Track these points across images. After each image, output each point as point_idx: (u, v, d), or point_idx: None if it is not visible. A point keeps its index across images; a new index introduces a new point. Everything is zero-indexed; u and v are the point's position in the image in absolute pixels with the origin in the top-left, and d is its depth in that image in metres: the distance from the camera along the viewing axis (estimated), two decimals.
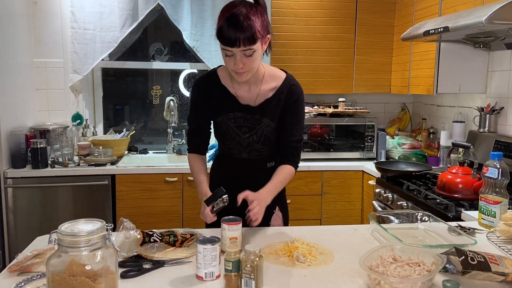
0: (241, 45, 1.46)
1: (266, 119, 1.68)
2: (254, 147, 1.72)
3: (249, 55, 1.50)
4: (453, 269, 1.24)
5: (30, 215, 2.83)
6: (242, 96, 1.68)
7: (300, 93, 1.71)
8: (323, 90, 3.40)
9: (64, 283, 0.97)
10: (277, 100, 1.68)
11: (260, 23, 1.48)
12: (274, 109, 1.68)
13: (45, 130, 3.13)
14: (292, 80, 1.71)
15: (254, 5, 1.51)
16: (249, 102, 1.68)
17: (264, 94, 1.68)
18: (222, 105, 1.69)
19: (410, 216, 1.81)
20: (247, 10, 1.46)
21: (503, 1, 1.92)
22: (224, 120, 1.69)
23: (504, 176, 1.64)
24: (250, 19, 1.45)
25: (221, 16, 1.49)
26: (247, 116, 1.68)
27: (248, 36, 1.45)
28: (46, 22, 3.27)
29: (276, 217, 1.82)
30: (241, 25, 1.44)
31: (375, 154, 3.28)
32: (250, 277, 1.14)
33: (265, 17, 1.53)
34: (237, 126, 1.69)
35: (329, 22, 3.32)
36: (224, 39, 1.46)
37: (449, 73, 2.77)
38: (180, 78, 3.72)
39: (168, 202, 3.00)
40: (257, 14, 1.48)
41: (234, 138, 1.71)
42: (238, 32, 1.44)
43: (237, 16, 1.44)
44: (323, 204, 3.18)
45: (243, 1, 1.51)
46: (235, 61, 1.51)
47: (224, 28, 1.45)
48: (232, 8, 1.47)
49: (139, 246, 1.38)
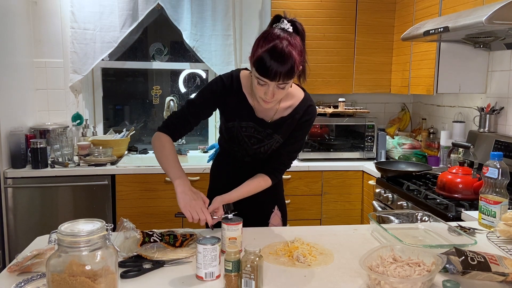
0: (280, 79, 1.42)
1: (277, 135, 1.67)
2: (259, 156, 1.73)
3: (282, 87, 1.47)
4: (453, 269, 1.24)
5: (30, 215, 2.83)
6: (259, 109, 1.66)
7: (314, 114, 1.70)
8: (323, 90, 3.40)
9: (64, 283, 0.97)
10: (292, 119, 1.67)
11: (299, 56, 1.45)
12: (288, 127, 1.67)
13: (45, 130, 3.13)
14: (309, 100, 1.70)
15: (294, 35, 1.46)
16: (264, 116, 1.66)
17: (281, 111, 1.66)
18: (237, 112, 1.66)
19: (410, 216, 1.81)
20: (289, 42, 1.41)
21: (503, 1, 1.92)
22: (236, 127, 1.67)
23: (504, 176, 1.64)
24: (292, 53, 1.40)
25: (260, 43, 1.43)
26: (259, 129, 1.67)
27: (287, 71, 1.41)
28: (46, 22, 3.27)
29: (275, 216, 1.84)
30: (283, 59, 1.39)
31: (375, 154, 3.27)
32: (250, 277, 1.14)
33: (303, 47, 1.49)
34: (248, 135, 1.68)
35: (329, 22, 3.32)
36: (264, 71, 1.41)
37: (449, 73, 2.77)
38: (180, 78, 3.72)
39: (168, 202, 3.00)
40: (297, 46, 1.44)
41: (242, 145, 1.71)
42: (279, 66, 1.39)
43: (281, 49, 1.39)
44: (323, 204, 3.18)
45: (283, 29, 1.46)
46: (267, 91, 1.47)
47: (266, 59, 1.39)
48: (275, 39, 1.41)
49: (139, 246, 1.39)
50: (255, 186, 1.64)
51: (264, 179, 1.66)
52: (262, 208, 1.81)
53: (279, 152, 1.70)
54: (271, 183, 1.68)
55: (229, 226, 1.39)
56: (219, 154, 1.89)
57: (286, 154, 1.70)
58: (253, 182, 1.65)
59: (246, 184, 1.64)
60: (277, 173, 1.69)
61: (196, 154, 3.53)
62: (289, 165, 1.74)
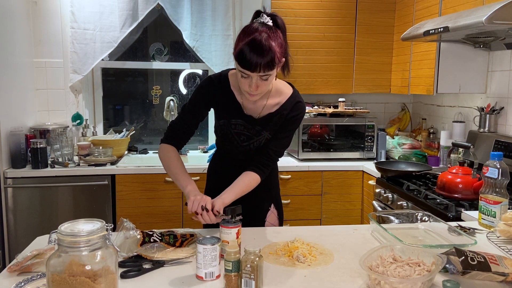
0: (260, 70, 1.46)
1: (266, 132, 1.70)
2: (251, 153, 1.74)
3: (265, 79, 1.51)
4: (453, 269, 1.24)
5: (30, 215, 2.83)
6: (247, 106, 1.69)
7: (302, 110, 1.72)
8: (323, 90, 3.40)
9: (64, 283, 0.97)
10: (279, 116, 1.69)
11: (279, 48, 1.49)
12: (275, 124, 1.69)
13: (45, 130, 3.13)
14: (297, 96, 1.72)
15: (274, 29, 1.50)
16: (252, 113, 1.69)
17: (269, 108, 1.69)
18: (227, 110, 1.70)
19: (410, 216, 1.81)
20: (268, 35, 1.46)
21: (503, 1, 1.92)
22: (226, 124, 1.70)
23: (504, 176, 1.64)
24: (271, 45, 1.45)
25: (241, 37, 1.49)
26: (248, 126, 1.69)
27: (267, 62, 1.45)
28: (46, 22, 3.27)
29: (271, 214, 1.86)
30: (262, 51, 1.44)
31: (375, 154, 3.27)
32: (250, 277, 1.14)
33: (284, 40, 1.53)
34: (237, 133, 1.71)
35: (329, 22, 3.32)
36: (245, 63, 1.46)
37: (449, 73, 2.77)
38: (180, 78, 3.72)
39: (168, 202, 3.00)
40: (277, 38, 1.49)
41: (232, 142, 1.73)
42: (259, 58, 1.44)
43: (259, 41, 1.44)
44: (323, 204, 3.18)
45: (263, 23, 1.50)
46: (251, 83, 1.51)
47: (246, 52, 1.44)
48: (254, 32, 1.46)
49: (139, 246, 1.38)
50: (246, 185, 1.64)
51: (253, 177, 1.65)
52: (259, 207, 1.82)
53: (267, 147, 1.71)
54: (260, 179, 1.67)
55: (222, 228, 1.37)
56: (216, 154, 1.92)
57: (273, 149, 1.70)
58: (243, 181, 1.64)
59: (237, 184, 1.62)
60: (264, 169, 1.69)
61: (196, 154, 3.53)
62: (276, 161, 1.75)
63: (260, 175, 1.67)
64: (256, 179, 1.67)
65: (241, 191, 1.62)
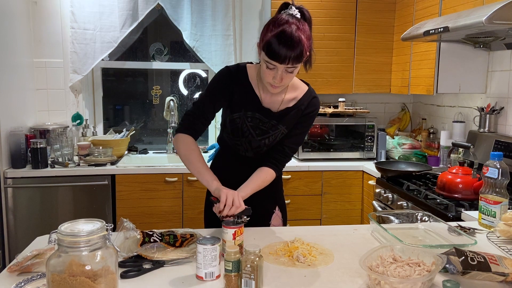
0: (289, 62, 1.45)
1: (282, 126, 1.68)
2: (262, 149, 1.72)
3: (291, 71, 1.50)
4: (453, 269, 1.24)
5: (30, 215, 2.83)
6: (265, 99, 1.67)
7: (317, 106, 1.72)
8: (323, 90, 3.40)
9: (64, 283, 0.97)
10: (297, 110, 1.68)
11: (307, 41, 1.48)
12: (292, 119, 1.68)
13: (45, 130, 3.13)
14: (313, 92, 1.72)
15: (302, 21, 1.49)
16: (271, 106, 1.68)
17: (286, 102, 1.68)
18: (243, 103, 1.66)
19: (410, 216, 1.81)
20: (297, 27, 1.45)
21: (503, 1, 1.92)
22: (241, 117, 1.67)
23: (504, 176, 1.65)
24: (301, 37, 1.44)
25: (270, 28, 1.46)
26: (265, 120, 1.67)
27: (297, 55, 1.45)
28: (46, 22, 3.27)
29: (276, 216, 1.84)
30: (292, 43, 1.42)
31: (375, 154, 3.27)
32: (250, 277, 1.14)
33: (310, 33, 1.52)
34: (253, 126, 1.68)
35: (329, 22, 3.32)
36: (274, 54, 1.44)
37: (449, 73, 2.77)
38: (180, 78, 3.72)
39: (168, 202, 3.00)
40: (305, 31, 1.47)
41: (247, 136, 1.70)
42: (289, 50, 1.43)
43: (290, 33, 1.42)
44: (323, 204, 3.18)
45: (292, 15, 1.49)
46: (275, 75, 1.50)
47: (274, 43, 1.43)
48: (284, 23, 1.45)
49: (139, 246, 1.38)
50: (262, 180, 1.64)
51: (269, 172, 1.66)
52: (263, 209, 1.80)
53: (282, 143, 1.70)
54: (275, 175, 1.69)
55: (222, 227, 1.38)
56: (220, 152, 1.88)
57: (288, 146, 1.70)
58: (259, 176, 1.65)
59: (253, 179, 1.63)
60: (280, 165, 1.70)
61: None
62: (290, 158, 1.74)
63: (276, 171, 1.68)
64: (272, 175, 1.67)
65: (256, 185, 1.62)
